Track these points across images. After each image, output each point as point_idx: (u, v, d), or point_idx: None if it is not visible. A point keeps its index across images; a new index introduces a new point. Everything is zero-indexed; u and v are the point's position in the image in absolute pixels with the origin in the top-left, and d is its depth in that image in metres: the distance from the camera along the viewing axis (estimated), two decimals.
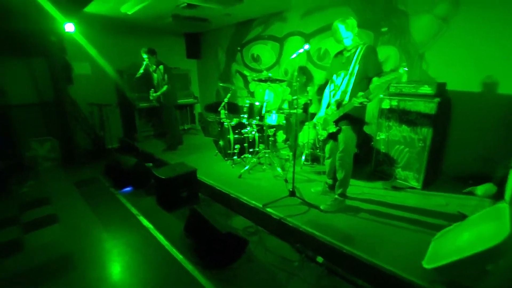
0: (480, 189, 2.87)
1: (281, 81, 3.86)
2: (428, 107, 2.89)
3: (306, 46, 2.70)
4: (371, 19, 3.83)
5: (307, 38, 4.65)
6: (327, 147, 2.85)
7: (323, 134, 2.74)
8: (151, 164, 4.38)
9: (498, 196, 2.72)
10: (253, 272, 2.16)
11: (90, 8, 4.18)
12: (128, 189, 3.77)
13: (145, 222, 2.95)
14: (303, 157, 3.90)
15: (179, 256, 2.36)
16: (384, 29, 3.73)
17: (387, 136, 3.30)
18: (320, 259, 2.21)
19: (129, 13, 4.32)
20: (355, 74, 2.37)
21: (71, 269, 2.26)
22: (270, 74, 3.69)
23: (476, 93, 3.09)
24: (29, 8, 3.67)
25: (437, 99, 2.83)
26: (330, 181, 2.96)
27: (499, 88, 2.96)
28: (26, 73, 4.75)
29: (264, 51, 5.49)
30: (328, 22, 4.17)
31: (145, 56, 4.40)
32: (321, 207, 2.64)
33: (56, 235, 2.76)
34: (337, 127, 2.55)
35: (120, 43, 5.70)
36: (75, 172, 4.54)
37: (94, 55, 5.26)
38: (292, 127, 4.03)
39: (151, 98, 4.65)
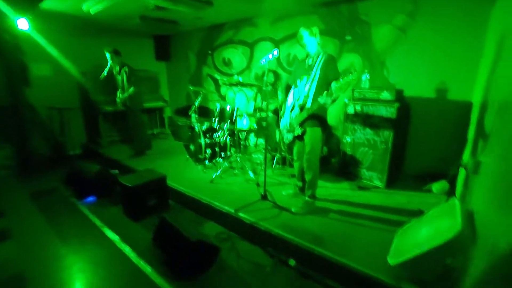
0: (435, 187, 3.11)
1: (251, 85, 3.89)
2: (389, 111, 3.08)
3: (275, 52, 2.76)
4: (336, 28, 4.01)
5: (276, 43, 4.74)
6: (295, 149, 2.91)
7: (289, 137, 2.81)
8: (117, 171, 4.16)
9: (451, 192, 2.97)
10: (225, 282, 2.12)
11: (48, 5, 3.89)
12: (91, 198, 3.53)
13: (110, 234, 2.78)
14: (274, 161, 3.94)
15: (148, 269, 2.25)
16: (348, 38, 3.93)
17: (353, 139, 3.46)
18: (292, 262, 2.24)
19: (92, 12, 4.09)
20: (317, 79, 2.51)
21: None
22: (240, 79, 3.70)
23: (431, 99, 3.36)
24: None
25: (396, 104, 3.03)
26: (300, 184, 3.03)
27: (449, 94, 3.24)
28: None
29: (235, 55, 5.50)
30: (297, 29, 4.28)
31: (108, 55, 4.20)
32: (293, 210, 2.68)
33: (8, 253, 2.49)
34: (302, 129, 2.64)
35: (84, 43, 5.35)
36: (31, 182, 4.16)
37: (55, 55, 4.90)
38: (263, 130, 4.06)
39: (118, 100, 4.44)
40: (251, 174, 3.54)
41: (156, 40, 6.58)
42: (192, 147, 4.21)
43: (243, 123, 3.72)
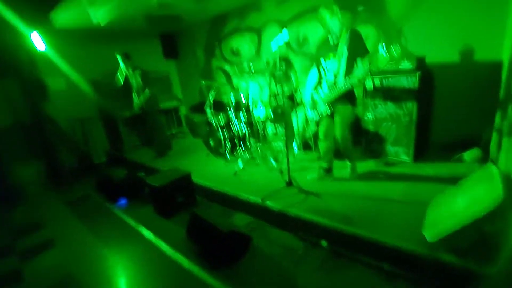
0: (467, 155, 2.96)
1: (263, 72, 3.83)
2: (410, 82, 2.93)
3: (284, 34, 2.69)
4: None
5: (284, 25, 4.60)
6: (321, 129, 2.85)
7: (314, 116, 2.82)
8: (142, 173, 4.30)
9: (484, 159, 2.82)
10: (260, 266, 2.18)
11: (60, 22, 3.99)
12: (123, 201, 3.69)
13: (145, 232, 2.90)
14: (295, 146, 3.91)
15: (185, 262, 2.34)
16: (360, 8, 3.73)
17: (374, 115, 3.34)
18: (324, 243, 2.24)
19: (102, 24, 4.15)
20: (345, 56, 2.47)
21: None
22: (251, 65, 3.65)
23: (456, 63, 3.15)
24: None
25: (418, 73, 2.88)
26: (325, 164, 2.98)
27: (476, 55, 3.03)
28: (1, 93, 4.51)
29: (243, 44, 5.41)
30: (306, 7, 4.12)
31: (120, 60, 4.28)
32: (348, 176, 2.87)
33: (54, 260, 2.67)
34: (332, 108, 2.65)
35: (93, 51, 5.44)
36: (65, 192, 4.40)
37: (68, 68, 5.04)
38: (280, 117, 4.03)
39: (134, 105, 4.55)
40: (273, 162, 3.54)
41: (163, 39, 6.60)
42: (211, 142, 4.25)
43: (259, 112, 3.70)
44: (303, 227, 2.41)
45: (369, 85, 3.25)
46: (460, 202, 1.84)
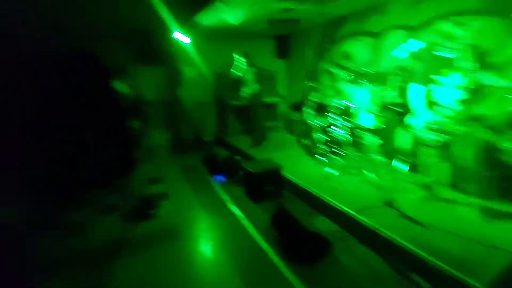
0: None
1: (377, 80, 3.56)
2: None
3: (414, 42, 2.41)
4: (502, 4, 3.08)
5: (413, 31, 4.08)
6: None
7: (439, 138, 2.42)
8: (239, 158, 4.73)
9: None
10: (337, 278, 2.11)
11: (200, 20, 4.75)
12: (221, 177, 4.23)
13: (234, 209, 3.24)
14: (399, 165, 3.49)
15: (264, 245, 2.52)
16: None
17: None
18: (424, 284, 1.93)
19: (236, 24, 4.72)
20: None
21: (178, 239, 2.79)
22: (363, 71, 3.45)
23: None
24: (155, 25, 4.47)
25: None
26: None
27: None
28: (153, 78, 5.87)
29: (358, 48, 5.14)
30: (445, 9, 3.52)
31: (239, 58, 4.81)
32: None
33: (168, 210, 3.38)
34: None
35: (219, 47, 6.25)
36: (180, 159, 5.45)
37: (199, 60, 6.02)
38: (386, 130, 3.67)
39: (243, 96, 5.06)
40: (370, 175, 3.27)
41: (277, 40, 6.97)
42: (306, 141, 4.28)
43: (365, 120, 3.47)
44: (400, 255, 2.14)
45: None
46: None
